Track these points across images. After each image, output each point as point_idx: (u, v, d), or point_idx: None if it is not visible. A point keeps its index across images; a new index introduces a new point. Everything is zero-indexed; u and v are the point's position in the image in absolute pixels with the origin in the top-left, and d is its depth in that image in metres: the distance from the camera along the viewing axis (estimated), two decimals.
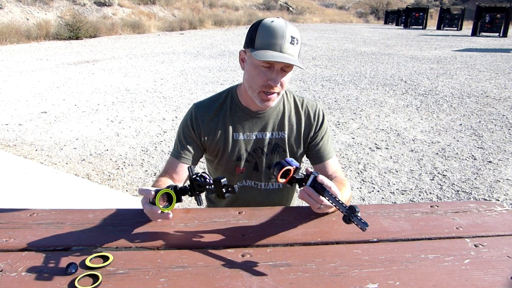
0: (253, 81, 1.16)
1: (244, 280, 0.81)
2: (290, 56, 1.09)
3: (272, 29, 1.09)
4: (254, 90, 1.17)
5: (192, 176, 0.95)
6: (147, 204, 0.94)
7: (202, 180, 0.95)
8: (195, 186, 0.96)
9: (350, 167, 3.49)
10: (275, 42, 1.08)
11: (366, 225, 0.81)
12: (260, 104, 1.20)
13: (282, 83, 1.16)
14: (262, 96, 1.17)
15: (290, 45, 1.09)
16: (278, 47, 1.08)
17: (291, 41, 1.09)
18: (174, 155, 1.27)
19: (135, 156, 3.69)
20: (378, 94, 6.26)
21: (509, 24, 19.14)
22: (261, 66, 1.12)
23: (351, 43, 14.46)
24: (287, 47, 1.09)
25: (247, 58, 1.17)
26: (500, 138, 4.23)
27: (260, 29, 1.11)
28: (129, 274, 0.82)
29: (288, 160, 0.97)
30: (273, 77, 1.12)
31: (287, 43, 1.08)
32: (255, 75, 1.14)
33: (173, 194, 0.94)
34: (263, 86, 1.15)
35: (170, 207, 0.94)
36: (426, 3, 42.50)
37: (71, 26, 14.27)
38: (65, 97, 5.91)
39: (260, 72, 1.13)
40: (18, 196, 2.75)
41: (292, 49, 1.10)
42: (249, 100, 1.26)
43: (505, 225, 1.05)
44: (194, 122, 1.28)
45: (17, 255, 0.87)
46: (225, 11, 26.41)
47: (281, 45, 1.08)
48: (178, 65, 9.00)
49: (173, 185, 0.97)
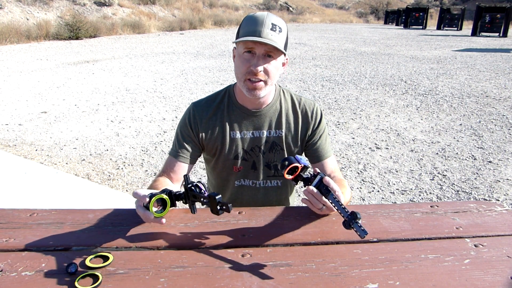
0: (238, 70, 1.18)
1: (244, 280, 0.81)
2: (270, 40, 1.11)
3: (253, 18, 1.15)
4: (240, 79, 1.19)
5: (188, 186, 0.94)
6: (140, 208, 0.93)
7: (197, 191, 0.94)
8: (189, 195, 0.95)
9: (350, 167, 3.49)
10: (254, 29, 1.11)
11: (365, 233, 0.82)
12: (248, 94, 1.19)
13: (268, 71, 1.16)
14: (248, 84, 1.17)
15: (271, 31, 1.12)
16: (258, 33, 1.11)
17: (271, 28, 1.12)
18: (172, 154, 1.28)
19: (135, 156, 3.69)
20: (378, 94, 6.26)
21: (509, 24, 19.14)
22: (244, 54, 1.15)
23: (351, 43, 14.46)
24: (267, 33, 1.11)
25: (235, 52, 1.21)
26: (500, 138, 4.23)
27: (243, 21, 1.17)
28: (129, 274, 0.82)
29: (298, 157, 0.96)
30: (254, 62, 1.14)
31: (266, 29, 1.11)
32: (239, 63, 1.17)
33: (167, 200, 0.93)
34: (247, 73, 1.16)
35: (164, 212, 0.93)
36: (426, 3, 42.48)
37: (71, 26, 14.27)
38: (65, 97, 5.91)
39: (244, 60, 1.16)
40: (18, 196, 2.75)
41: (274, 35, 1.12)
42: (244, 98, 1.27)
43: (505, 225, 1.05)
44: (192, 121, 1.28)
45: (17, 255, 0.87)
46: (225, 11, 26.41)
47: (260, 31, 1.11)
48: (178, 65, 9.00)
49: (168, 190, 0.96)
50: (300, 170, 0.96)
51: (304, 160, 0.96)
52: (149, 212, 0.91)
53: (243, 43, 1.13)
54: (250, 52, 1.14)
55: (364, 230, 0.82)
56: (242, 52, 1.15)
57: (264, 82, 1.17)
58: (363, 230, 0.82)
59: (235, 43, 1.17)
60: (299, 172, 0.96)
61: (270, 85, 1.20)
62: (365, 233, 0.82)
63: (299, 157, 0.96)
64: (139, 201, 0.95)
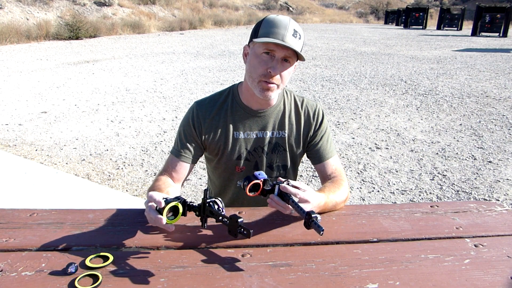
0: (254, 70, 1.17)
1: (244, 280, 0.81)
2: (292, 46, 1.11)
3: (276, 21, 1.13)
4: (254, 80, 1.18)
5: (206, 201, 0.93)
6: (152, 211, 0.92)
7: (216, 208, 0.94)
8: (206, 210, 0.94)
9: (350, 167, 3.49)
10: (277, 31, 1.11)
11: (321, 229, 0.85)
12: (260, 95, 1.19)
13: (282, 77, 1.17)
14: (263, 84, 1.17)
15: (293, 37, 1.11)
16: (280, 36, 1.10)
17: (293, 34, 1.12)
18: (174, 153, 1.27)
19: (135, 156, 3.69)
20: (378, 94, 6.26)
21: (509, 24, 19.14)
22: (262, 54, 1.14)
23: (351, 43, 14.46)
24: (289, 38, 1.11)
25: (250, 50, 1.20)
26: (500, 138, 4.23)
27: (264, 22, 1.15)
28: (129, 274, 0.82)
29: (256, 173, 1.00)
30: (273, 65, 1.14)
31: (289, 34, 1.11)
32: (256, 63, 1.16)
33: (180, 208, 0.93)
34: (263, 75, 1.15)
35: (175, 219, 0.93)
36: (426, 3, 42.50)
37: (71, 26, 14.27)
38: (65, 97, 5.91)
39: (261, 61, 1.15)
40: (18, 196, 2.75)
41: (294, 41, 1.12)
42: (250, 99, 1.26)
43: (505, 225, 1.06)
44: (195, 121, 1.28)
45: (17, 255, 0.87)
46: (225, 11, 26.40)
47: (283, 35, 1.10)
48: (178, 65, 9.00)
49: (182, 199, 0.95)
50: (263, 184, 1.00)
51: (263, 174, 1.00)
52: (160, 217, 0.90)
53: (263, 44, 1.12)
54: (269, 54, 1.14)
55: (320, 227, 0.85)
56: (261, 52, 1.14)
57: (277, 85, 1.18)
58: (318, 227, 0.85)
59: (253, 42, 1.16)
60: (262, 186, 1.00)
61: (281, 88, 1.22)
62: (321, 229, 0.85)
63: (257, 173, 1.01)
64: (152, 203, 0.93)
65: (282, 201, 0.96)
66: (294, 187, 0.98)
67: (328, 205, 1.10)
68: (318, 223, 0.85)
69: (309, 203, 0.98)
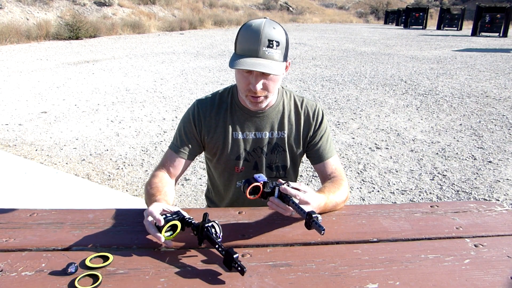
0: (239, 85, 1.20)
1: (244, 280, 0.81)
2: (266, 60, 1.09)
3: (248, 34, 1.11)
4: (242, 93, 1.21)
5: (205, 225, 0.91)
6: (152, 227, 0.92)
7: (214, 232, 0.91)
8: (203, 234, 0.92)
9: (350, 167, 3.49)
10: (250, 48, 1.09)
11: (322, 229, 0.85)
12: (250, 107, 1.22)
13: (267, 86, 1.16)
14: (250, 99, 1.19)
15: (268, 48, 1.09)
16: (254, 53, 1.09)
17: (268, 45, 1.09)
18: (173, 148, 1.28)
19: (135, 156, 3.69)
20: (378, 94, 6.26)
21: (509, 24, 19.14)
22: (241, 71, 1.14)
23: (351, 43, 14.45)
24: (263, 52, 1.09)
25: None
26: (500, 138, 4.23)
27: (240, 34, 1.14)
28: (129, 274, 0.82)
29: (256, 176, 1.01)
30: (253, 81, 1.14)
31: (263, 48, 1.09)
32: (239, 79, 1.18)
33: (179, 226, 0.93)
34: (247, 90, 1.17)
35: (173, 235, 0.93)
36: (426, 3, 42.48)
37: (71, 26, 14.26)
38: (65, 97, 5.91)
39: (242, 77, 1.16)
40: (18, 196, 2.75)
41: (270, 52, 1.10)
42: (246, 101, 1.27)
43: (505, 225, 1.06)
44: (196, 118, 1.28)
45: (17, 255, 0.87)
46: (225, 11, 26.40)
47: (256, 50, 1.09)
48: (178, 65, 9.00)
49: (182, 215, 0.95)
50: (263, 187, 1.00)
51: (263, 177, 1.01)
52: (160, 235, 0.90)
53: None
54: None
55: (321, 226, 0.85)
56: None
57: (265, 96, 1.19)
58: (319, 226, 0.85)
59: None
60: (263, 189, 1.00)
61: (271, 96, 1.21)
62: (322, 229, 0.85)
63: (257, 175, 1.01)
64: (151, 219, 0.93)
65: (283, 203, 0.97)
66: (294, 188, 0.98)
67: (328, 205, 1.10)
68: (319, 223, 0.86)
69: (309, 204, 0.98)
